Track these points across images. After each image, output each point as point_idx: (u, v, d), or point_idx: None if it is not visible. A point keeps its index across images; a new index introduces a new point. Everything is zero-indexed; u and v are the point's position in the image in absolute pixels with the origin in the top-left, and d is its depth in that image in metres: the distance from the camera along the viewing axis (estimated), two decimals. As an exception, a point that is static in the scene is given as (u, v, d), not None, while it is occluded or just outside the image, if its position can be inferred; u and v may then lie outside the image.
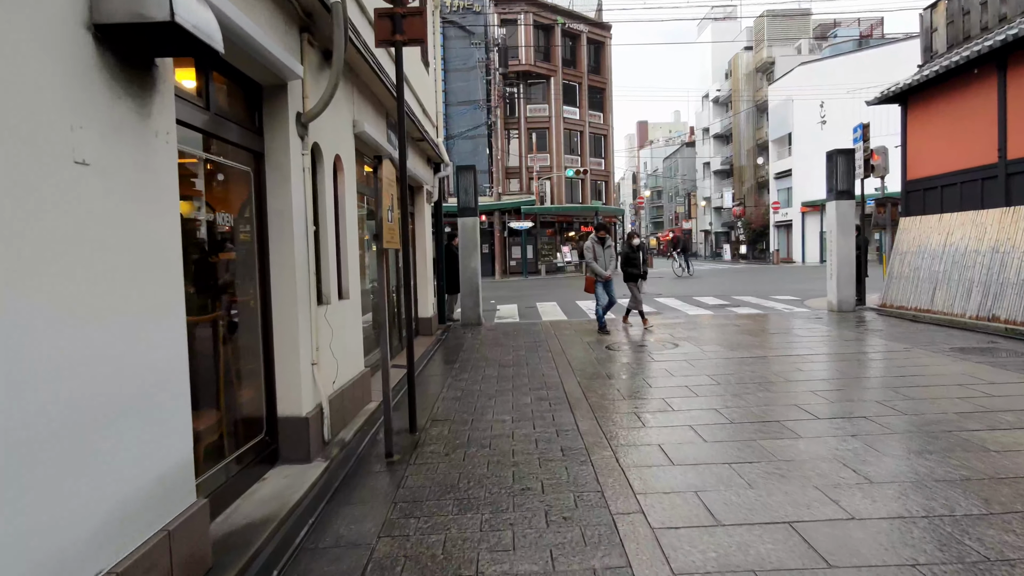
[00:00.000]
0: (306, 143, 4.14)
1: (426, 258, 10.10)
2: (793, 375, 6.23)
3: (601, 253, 9.59)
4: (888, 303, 10.92)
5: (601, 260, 9.56)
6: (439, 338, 9.83)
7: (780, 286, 18.75)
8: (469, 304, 11.19)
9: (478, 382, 6.54)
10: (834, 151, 11.17)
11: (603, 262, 9.57)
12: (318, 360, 4.23)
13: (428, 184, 10.33)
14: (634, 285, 10.32)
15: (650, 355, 7.69)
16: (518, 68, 34.31)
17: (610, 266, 9.60)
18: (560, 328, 10.45)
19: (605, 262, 9.58)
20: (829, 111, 37.63)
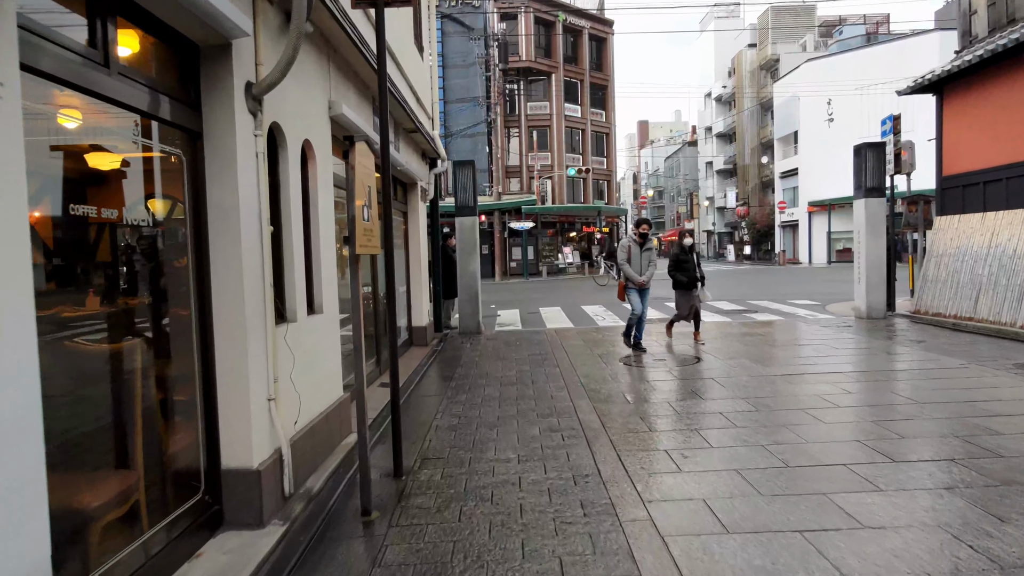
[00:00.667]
0: (260, 122, 3.29)
1: (420, 261, 9.25)
2: (842, 399, 5.37)
3: (638, 255, 8.00)
4: (922, 309, 10.07)
5: (636, 262, 7.99)
6: (435, 349, 8.98)
7: (795, 289, 17.90)
8: (468, 311, 10.34)
9: (477, 405, 5.68)
10: (863, 145, 10.32)
11: (639, 265, 8.00)
12: (276, 394, 3.37)
13: (423, 181, 9.48)
14: (686, 294, 8.57)
15: (671, 371, 6.83)
16: (518, 64, 33.47)
17: (647, 271, 7.97)
18: (567, 337, 9.59)
19: (642, 265, 8.00)
20: (837, 108, 36.82)
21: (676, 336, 9.17)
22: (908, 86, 10.71)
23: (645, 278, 7.97)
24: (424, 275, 9.43)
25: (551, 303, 15.75)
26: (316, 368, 4.19)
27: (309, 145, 4.22)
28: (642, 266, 8.00)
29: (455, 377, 6.99)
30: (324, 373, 4.37)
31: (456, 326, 10.87)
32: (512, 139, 35.32)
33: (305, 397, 3.87)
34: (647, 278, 7.99)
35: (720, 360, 7.26)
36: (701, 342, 8.43)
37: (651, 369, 7.01)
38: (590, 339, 9.35)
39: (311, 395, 4.05)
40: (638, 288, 7.99)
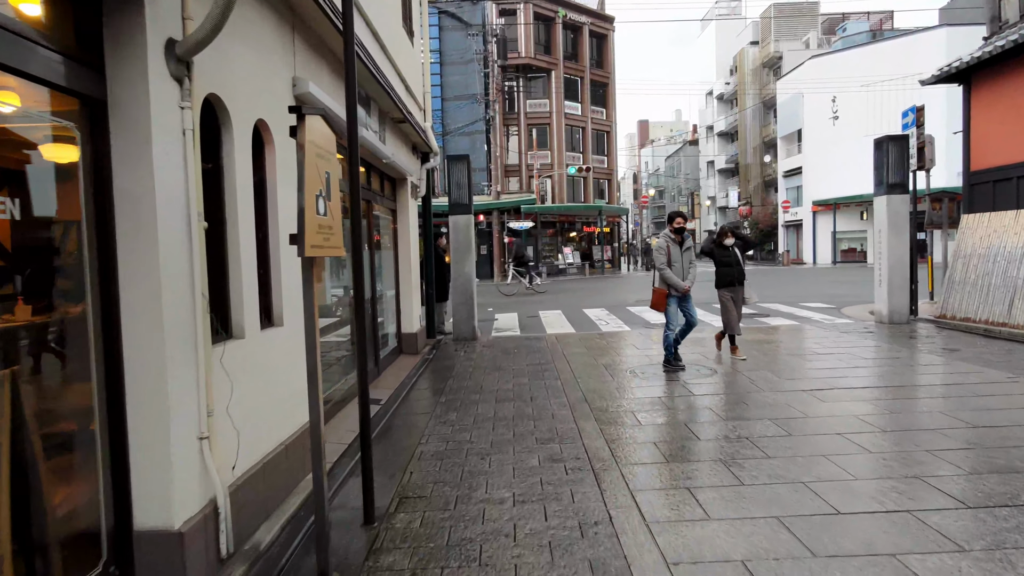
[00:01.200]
0: (188, 91, 2.62)
1: (411, 263, 8.58)
2: (884, 420, 4.70)
3: (678, 256, 6.82)
4: (949, 314, 9.40)
5: (678, 265, 6.81)
6: (426, 357, 8.31)
7: (804, 290, 17.23)
8: (463, 315, 9.67)
9: (469, 427, 5.01)
10: (884, 138, 9.66)
11: (680, 268, 6.84)
12: (212, 430, 2.71)
13: (413, 176, 8.81)
14: (731, 293, 7.45)
15: (684, 385, 6.16)
16: (517, 61, 32.81)
17: (689, 274, 6.88)
18: (568, 344, 8.92)
19: (684, 268, 6.85)
20: (841, 106, 36.18)
21: (684, 343, 8.50)
22: (933, 75, 10.05)
23: (689, 283, 6.82)
24: (414, 277, 8.76)
25: (551, 306, 15.08)
26: (274, 391, 3.53)
27: (265, 127, 3.55)
28: (684, 268, 6.85)
29: (446, 391, 6.32)
30: (285, 396, 3.70)
31: (450, 331, 10.22)
32: (511, 137, 34.66)
33: (256, 428, 3.21)
34: (691, 283, 6.86)
35: (738, 372, 6.60)
36: (741, 356, 7.30)
37: (662, 383, 6.34)
38: (594, 346, 8.68)
39: (266, 424, 3.39)
40: (680, 296, 6.83)
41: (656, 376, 6.60)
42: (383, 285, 7.79)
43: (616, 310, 13.45)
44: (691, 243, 6.98)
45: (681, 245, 6.88)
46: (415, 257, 8.93)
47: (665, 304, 6.81)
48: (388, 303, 8.05)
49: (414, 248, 8.83)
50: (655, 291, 6.92)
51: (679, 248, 6.88)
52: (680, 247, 6.87)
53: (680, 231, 6.91)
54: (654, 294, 6.93)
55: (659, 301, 6.86)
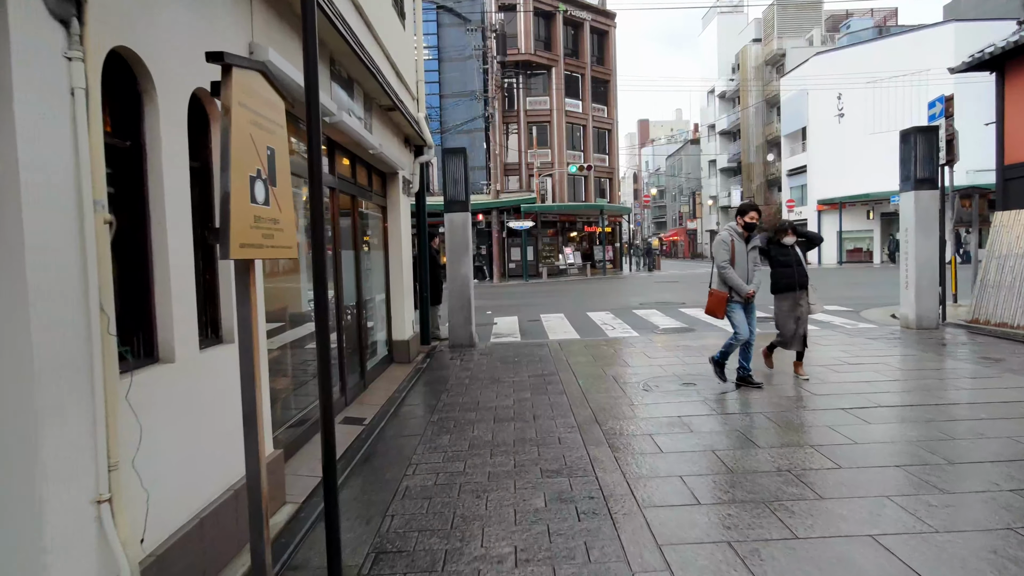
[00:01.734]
0: (79, 37, 1.95)
1: (403, 264, 7.91)
2: (947, 449, 4.03)
3: (743, 254, 5.85)
4: (982, 318, 8.74)
5: (742, 265, 5.83)
6: (419, 367, 7.64)
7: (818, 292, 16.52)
8: (459, 320, 9.00)
9: (463, 454, 4.34)
10: (912, 129, 9.00)
11: (745, 268, 5.85)
12: (115, 490, 2.04)
13: (405, 170, 8.15)
14: (791, 300, 6.19)
15: (706, 402, 5.49)
16: (517, 57, 32.15)
17: (754, 277, 5.90)
18: (573, 352, 8.25)
19: (747, 268, 5.86)
20: (847, 103, 35.54)
21: (699, 349, 7.83)
22: (964, 62, 9.40)
23: (754, 287, 5.84)
24: (406, 280, 8.09)
25: (553, 308, 14.41)
26: (220, 424, 2.86)
27: (209, 99, 2.89)
28: (748, 269, 5.84)
29: (438, 408, 5.65)
30: (235, 428, 3.03)
31: (446, 337, 9.55)
32: (511, 135, 34.03)
33: (191, 475, 2.54)
34: (756, 287, 5.87)
35: (768, 386, 5.93)
36: (804, 376, 6.18)
37: (680, 399, 5.67)
38: (601, 355, 8.01)
39: (207, 466, 2.72)
40: (745, 301, 5.87)
41: (673, 391, 5.93)
42: (372, 289, 7.13)
43: (622, 313, 12.78)
44: (757, 241, 5.94)
45: (747, 242, 5.85)
46: (408, 258, 8.26)
47: (723, 310, 5.86)
48: (377, 308, 7.39)
49: (406, 248, 8.17)
50: (712, 293, 5.89)
51: (744, 245, 5.84)
52: (746, 244, 5.85)
53: (751, 227, 5.85)
54: (711, 297, 5.91)
55: (716, 305, 5.88)
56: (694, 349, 8.07)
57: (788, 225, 6.43)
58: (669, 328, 10.39)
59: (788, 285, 6.19)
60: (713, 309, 5.94)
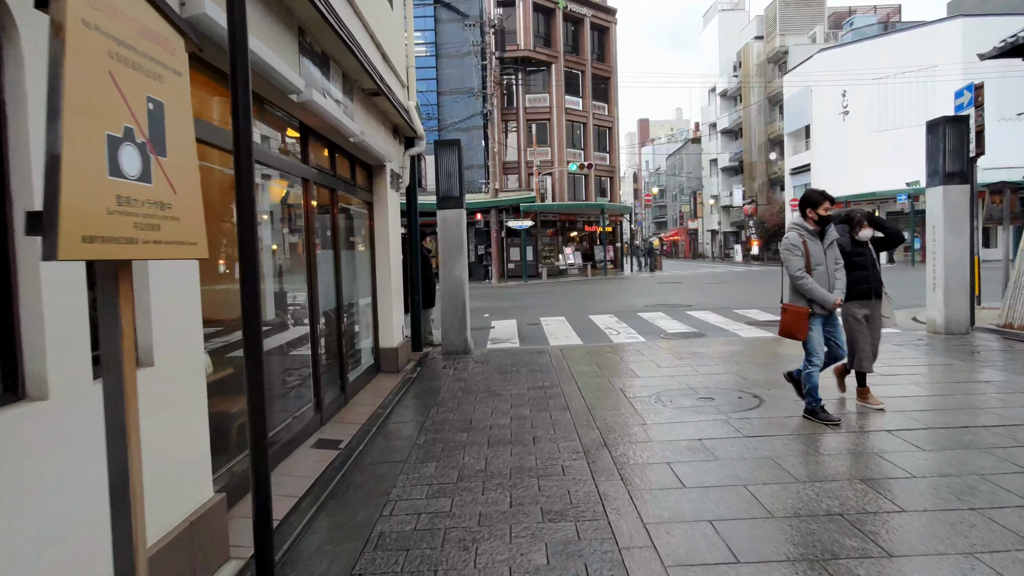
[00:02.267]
0: None
1: (390, 265, 7.27)
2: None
3: (820, 255, 4.59)
4: (1016, 323, 8.10)
5: (820, 268, 4.58)
6: (408, 377, 7.00)
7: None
8: (453, 325, 8.36)
9: (450, 488, 3.70)
10: (940, 119, 8.36)
11: (824, 273, 4.60)
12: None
13: (393, 163, 7.51)
14: (865, 310, 5.03)
15: (728, 420, 4.85)
16: (516, 54, 31.52)
17: (838, 283, 4.66)
18: (576, 360, 7.61)
19: (828, 273, 4.61)
20: (852, 100, 34.93)
21: (717, 359, 7.19)
22: (995, 47, 8.74)
23: (839, 295, 4.59)
24: (395, 282, 7.45)
25: (554, 311, 13.78)
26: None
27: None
28: (829, 273, 4.60)
29: (427, 427, 5.01)
30: (164, 472, 2.39)
31: (439, 342, 8.91)
32: (510, 134, 33.40)
33: (64, 550, 1.90)
34: (842, 294, 4.64)
35: (796, 402, 5.29)
36: (878, 405, 4.96)
37: (698, 418, 5.02)
38: (606, 363, 7.37)
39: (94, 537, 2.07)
40: (827, 315, 4.66)
41: (689, 407, 5.28)
42: (355, 292, 6.49)
43: (626, 317, 12.14)
44: (835, 234, 4.71)
45: (822, 239, 4.63)
46: (396, 258, 7.62)
47: (804, 328, 4.56)
48: (362, 313, 6.75)
49: (395, 248, 7.53)
50: (787, 309, 4.66)
51: (820, 244, 4.61)
52: (822, 242, 4.63)
53: (825, 220, 4.60)
54: (786, 314, 4.66)
55: (796, 324, 4.58)
56: (707, 357, 7.43)
57: (863, 216, 5.02)
58: (677, 333, 9.75)
59: (864, 291, 4.96)
60: (792, 329, 4.63)
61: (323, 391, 5.11)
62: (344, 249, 6.09)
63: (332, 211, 5.63)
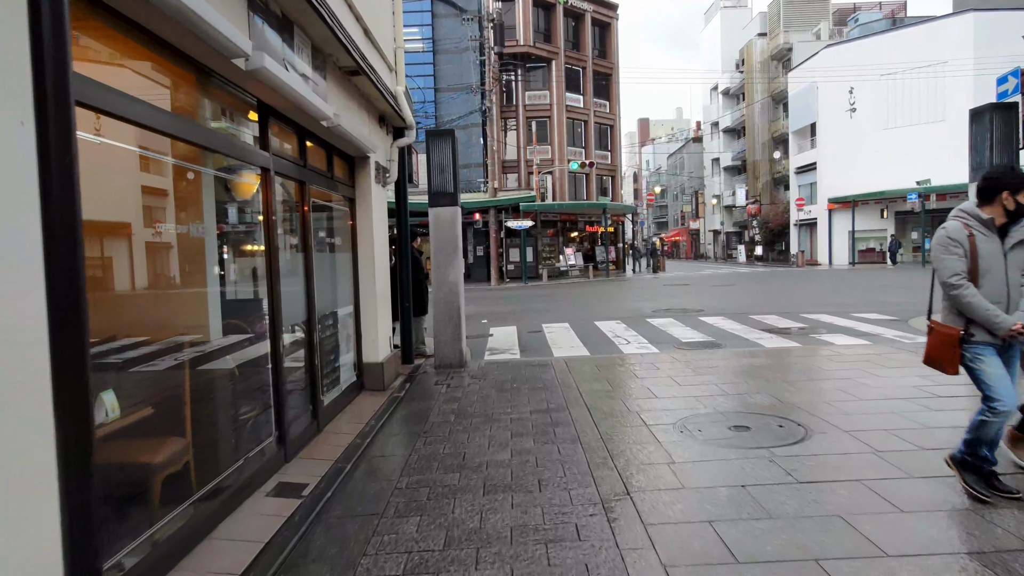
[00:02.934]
0: None
1: (375, 268, 6.45)
2: None
3: (996, 258, 3.21)
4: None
5: (993, 280, 3.19)
6: (395, 396, 6.19)
7: (846, 297, 15.11)
8: (447, 335, 7.54)
9: (434, 561, 2.88)
10: (986, 107, 7.55)
11: (999, 284, 3.19)
12: None
13: (378, 154, 6.70)
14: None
15: (773, 457, 4.03)
16: (516, 49, 30.73)
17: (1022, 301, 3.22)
18: (584, 375, 6.80)
19: (1004, 284, 3.19)
20: (859, 97, 34.14)
21: (735, 370, 6.37)
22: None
23: (1021, 317, 3.14)
24: (380, 288, 6.63)
25: (556, 316, 12.96)
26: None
27: None
28: (1007, 285, 3.20)
29: (410, 466, 4.19)
30: None
31: (431, 353, 8.09)
32: (509, 132, 32.60)
33: None
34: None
35: (841, 433, 4.47)
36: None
37: (736, 452, 4.21)
38: (618, 380, 6.55)
39: None
40: (1005, 343, 3.21)
41: (722, 440, 4.46)
42: (332, 300, 5.68)
43: (635, 323, 11.32)
44: (1020, 233, 3.23)
45: (1004, 237, 3.23)
46: (382, 262, 6.81)
47: (956, 358, 3.28)
48: (342, 324, 5.93)
49: (381, 249, 6.71)
50: (936, 330, 3.37)
51: (998, 243, 3.23)
52: (1002, 241, 3.23)
53: (1018, 214, 3.18)
54: (932, 335, 3.40)
55: (943, 350, 3.32)
56: (731, 372, 6.62)
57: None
58: (693, 342, 8.93)
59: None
60: (938, 355, 3.36)
61: (288, 421, 4.29)
62: (318, 251, 5.27)
63: (302, 207, 4.82)
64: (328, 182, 5.51)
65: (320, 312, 5.15)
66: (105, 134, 2.55)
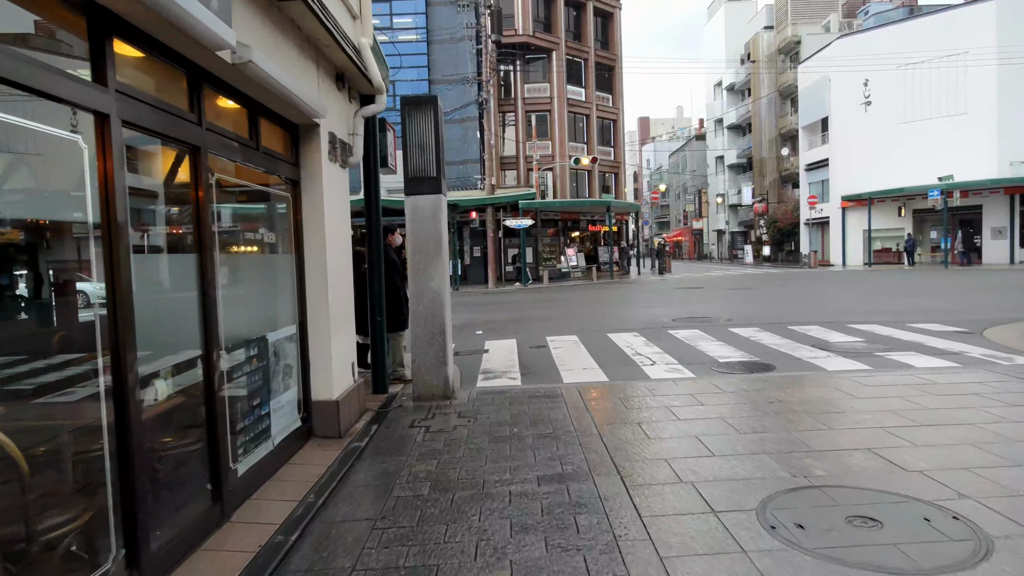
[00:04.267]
0: None
1: (327, 276, 4.80)
2: None
3: None
4: None
5: None
6: (355, 447, 4.56)
7: (886, 303, 13.48)
8: (428, 360, 5.90)
9: None
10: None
11: None
12: None
13: (333, 122, 5.08)
14: None
15: (920, 569, 2.41)
16: (514, 39, 29.13)
17: None
18: (607, 414, 5.18)
19: None
20: (875, 90, 32.56)
21: (821, 414, 4.75)
22: None
23: None
24: (336, 301, 4.98)
25: (562, 326, 11.33)
26: None
27: None
28: None
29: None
30: None
31: (408, 377, 6.48)
32: (508, 127, 30.99)
33: None
34: None
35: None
36: None
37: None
38: (652, 422, 4.92)
39: None
40: None
41: (852, 554, 2.83)
42: (259, 321, 4.06)
43: (655, 335, 9.69)
44: None
45: None
46: (341, 266, 5.18)
47: None
48: (279, 354, 4.29)
49: (337, 248, 5.09)
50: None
51: None
52: None
53: None
54: None
55: None
56: (802, 411, 4.99)
57: None
58: (733, 362, 7.32)
59: None
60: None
61: (152, 525, 2.66)
62: (229, 251, 3.66)
63: (196, 187, 3.19)
64: (251, 155, 3.88)
65: (232, 339, 3.52)
66: None
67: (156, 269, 3.08)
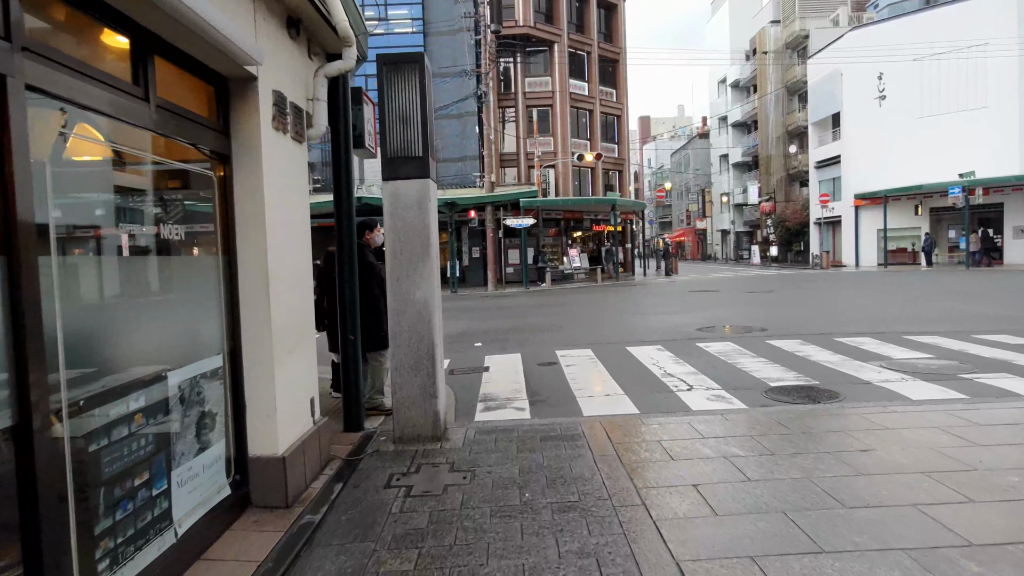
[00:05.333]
0: None
1: (267, 285, 3.51)
2: None
3: None
4: None
5: None
6: (305, 526, 3.27)
7: (919, 309, 12.18)
8: (412, 390, 4.61)
9: None
10: None
11: None
12: None
13: (282, 81, 3.78)
14: None
15: None
16: (515, 31, 27.86)
17: None
18: (649, 470, 3.90)
19: None
20: (890, 84, 31.31)
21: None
22: None
23: None
24: (282, 315, 3.68)
25: (572, 337, 10.04)
26: None
27: None
28: None
29: None
30: None
31: (388, 407, 5.18)
32: (508, 122, 29.70)
33: None
34: None
35: None
36: None
37: None
38: (712, 482, 3.63)
39: None
40: None
41: None
42: (160, 349, 2.77)
43: (681, 349, 8.40)
44: None
45: None
46: (290, 269, 3.89)
47: None
48: (197, 396, 3.00)
49: (285, 247, 3.80)
50: None
51: None
52: None
53: None
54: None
55: None
56: (915, 470, 3.70)
57: None
58: (786, 387, 6.03)
59: None
60: None
61: None
62: (82, 250, 2.37)
63: (3, 149, 1.89)
64: (135, 111, 2.59)
65: (94, 386, 2.23)
66: None
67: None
